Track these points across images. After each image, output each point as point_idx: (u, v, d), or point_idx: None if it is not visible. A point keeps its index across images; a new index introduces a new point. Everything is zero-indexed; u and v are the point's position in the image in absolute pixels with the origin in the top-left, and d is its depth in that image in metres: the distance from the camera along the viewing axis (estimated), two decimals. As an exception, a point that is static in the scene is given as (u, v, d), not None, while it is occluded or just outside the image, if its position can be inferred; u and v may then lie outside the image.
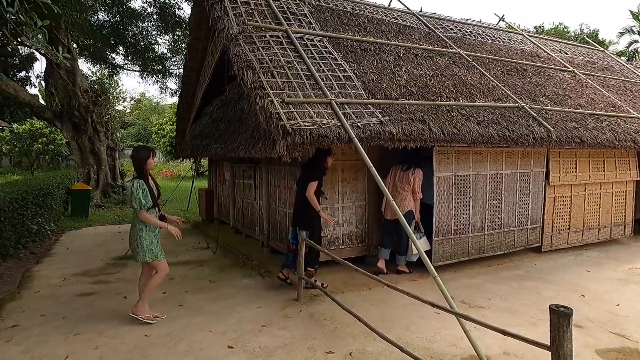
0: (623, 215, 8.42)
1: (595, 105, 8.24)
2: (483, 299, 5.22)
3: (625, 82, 10.42)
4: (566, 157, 7.44)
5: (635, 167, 8.49)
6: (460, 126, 5.78)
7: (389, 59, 6.76)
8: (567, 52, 10.77)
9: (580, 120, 7.34)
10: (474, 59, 7.90)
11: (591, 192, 7.87)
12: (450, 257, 6.29)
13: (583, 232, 7.85)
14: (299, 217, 5.48)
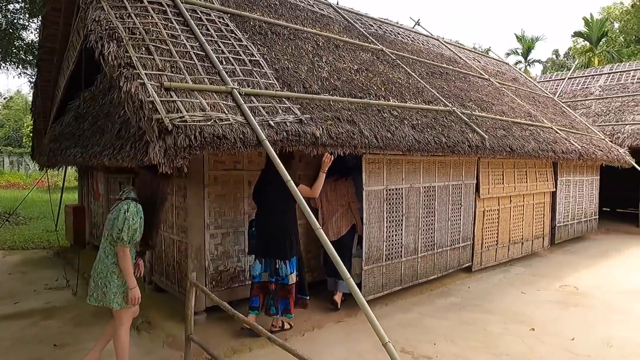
0: (542, 227, 8.22)
1: (516, 113, 7.94)
2: (427, 344, 4.18)
3: (532, 94, 10.56)
4: (494, 167, 6.90)
5: (552, 178, 8.37)
6: (394, 130, 4.76)
7: (307, 47, 5.56)
8: (479, 61, 10.64)
9: (508, 128, 6.87)
10: (397, 58, 7.07)
11: (516, 205, 7.47)
12: (381, 288, 5.21)
13: (509, 247, 7.40)
14: (277, 242, 4.12)
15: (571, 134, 8.90)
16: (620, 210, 14.56)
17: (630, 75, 13.65)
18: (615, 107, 12.59)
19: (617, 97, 12.97)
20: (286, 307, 4.17)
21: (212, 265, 4.55)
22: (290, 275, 4.11)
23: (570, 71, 16.25)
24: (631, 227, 11.56)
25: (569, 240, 9.38)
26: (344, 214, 5.03)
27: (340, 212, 5.02)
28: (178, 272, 4.75)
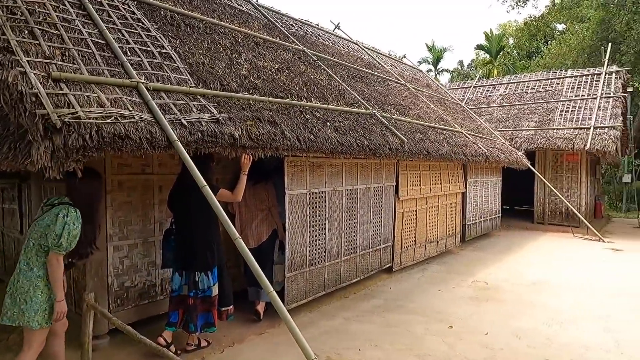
0: (454, 226, 8.68)
1: (431, 118, 8.29)
2: (352, 350, 4.09)
3: (444, 100, 11.18)
4: (412, 170, 7.11)
5: (462, 179, 8.89)
6: (317, 132, 4.63)
7: (225, 42, 5.22)
8: (396, 67, 11.02)
9: (424, 132, 7.12)
10: (319, 59, 6.99)
11: (432, 205, 7.79)
12: (305, 295, 5.04)
13: (426, 246, 7.69)
14: (197, 253, 3.74)
15: (478, 138, 9.54)
16: (518, 208, 16.06)
17: (524, 86, 15.12)
18: (514, 114, 13.86)
19: (514, 105, 14.28)
20: (208, 321, 3.82)
21: (117, 282, 4.04)
22: (212, 287, 3.78)
23: (475, 80, 17.60)
24: (527, 223, 12.76)
25: (477, 238, 10.06)
26: (265, 220, 4.78)
27: (261, 217, 4.76)
28: (75, 292, 4.14)
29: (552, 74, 15.30)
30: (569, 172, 12.37)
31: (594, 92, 13.05)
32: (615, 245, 9.86)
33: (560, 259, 8.23)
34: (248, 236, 4.69)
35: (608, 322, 4.90)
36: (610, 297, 5.88)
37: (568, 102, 13.22)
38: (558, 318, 5.00)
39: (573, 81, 14.13)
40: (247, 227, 4.75)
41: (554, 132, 12.27)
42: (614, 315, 5.15)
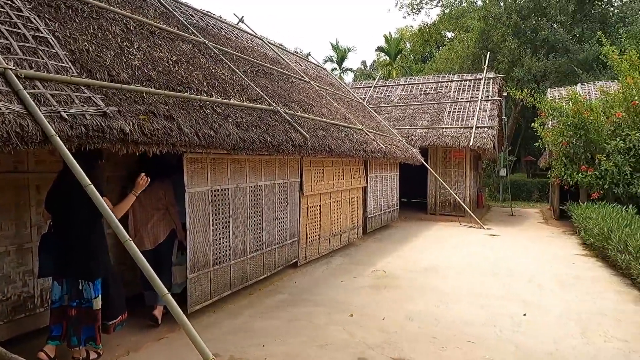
0: (356, 219, 9.09)
1: (333, 115, 8.57)
2: (257, 347, 4.09)
3: (346, 98, 11.62)
4: (316, 166, 7.29)
5: (363, 174, 9.34)
6: (217, 127, 4.51)
7: (114, 29, 4.82)
8: (301, 64, 11.17)
9: (327, 129, 7.33)
10: (221, 53, 6.80)
11: (335, 200, 8.07)
12: (210, 295, 4.91)
13: (330, 239, 7.95)
14: (80, 259, 3.41)
15: (378, 136, 10.10)
16: (414, 200, 17.34)
17: (419, 88, 16.35)
18: (409, 113, 14.91)
19: (410, 105, 15.37)
20: (91, 335, 3.51)
21: (-17, 296, 3.53)
22: (94, 300, 3.47)
23: (375, 81, 18.57)
24: (422, 214, 13.87)
25: (378, 229, 10.67)
26: (162, 219, 4.55)
27: (157, 217, 4.52)
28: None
29: (441, 78, 16.74)
30: (456, 167, 13.69)
31: (476, 95, 14.58)
32: (493, 231, 11.17)
33: (448, 246, 9.09)
34: (143, 237, 4.42)
35: (485, 299, 5.54)
36: (486, 276, 6.65)
37: (455, 103, 14.60)
38: (445, 299, 5.53)
39: (459, 85, 15.63)
40: (142, 228, 4.47)
41: (443, 131, 13.47)
42: (490, 292, 5.85)
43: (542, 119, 12.35)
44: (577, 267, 7.35)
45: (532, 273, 6.87)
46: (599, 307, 5.27)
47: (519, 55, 23.06)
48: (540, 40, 22.86)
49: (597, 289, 6.01)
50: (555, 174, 11.66)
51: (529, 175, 25.77)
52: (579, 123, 10.90)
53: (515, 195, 20.96)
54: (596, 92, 13.18)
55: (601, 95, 12.01)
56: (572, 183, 11.20)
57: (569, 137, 11.18)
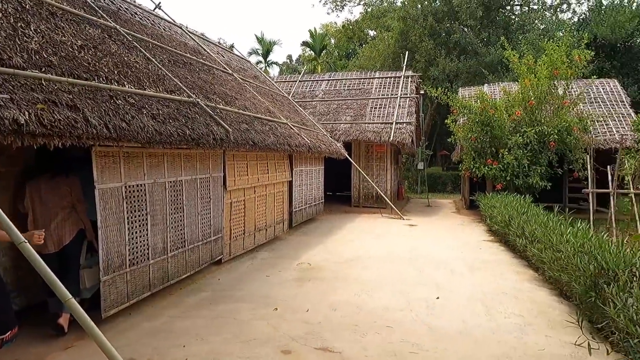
0: (282, 213, 9.10)
1: (257, 109, 8.46)
2: (177, 349, 3.94)
3: (271, 92, 11.53)
4: (239, 160, 7.16)
5: (288, 168, 9.36)
6: (130, 119, 4.23)
7: (6, 7, 4.30)
8: (224, 56, 10.86)
9: (250, 123, 7.23)
10: (135, 40, 6.38)
11: (260, 194, 8.00)
12: (127, 297, 4.62)
13: (255, 234, 7.87)
14: None
15: (302, 130, 10.17)
16: (339, 194, 17.78)
17: (343, 83, 16.71)
18: (334, 108, 15.20)
19: (334, 100, 15.67)
20: None
21: None
22: None
23: (300, 75, 18.64)
24: (347, 207, 14.27)
25: (304, 223, 10.79)
26: (67, 219, 4.18)
27: (62, 216, 4.15)
28: None
29: (364, 75, 17.28)
30: (378, 161, 14.26)
31: (396, 92, 15.26)
32: (412, 222, 11.82)
33: (371, 237, 9.46)
34: (46, 239, 4.03)
35: (403, 286, 5.85)
36: (405, 264, 7.03)
37: (376, 99, 15.16)
38: (366, 288, 5.75)
39: (380, 82, 16.25)
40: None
41: (366, 126, 13.94)
42: (408, 279, 6.19)
43: (454, 116, 13.28)
44: (483, 252, 8.04)
45: (446, 259, 7.40)
46: (501, 287, 5.82)
47: (435, 56, 24.53)
48: (453, 43, 24.51)
49: (500, 271, 6.63)
50: (466, 167, 12.64)
51: (444, 168, 27.64)
52: (486, 120, 11.90)
53: (432, 187, 22.36)
54: (500, 92, 14.46)
55: (504, 95, 13.21)
56: (480, 175, 12.22)
57: (477, 133, 12.15)
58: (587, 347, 3.77)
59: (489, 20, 25.35)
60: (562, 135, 11.43)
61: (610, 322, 3.58)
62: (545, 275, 5.82)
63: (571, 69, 11.93)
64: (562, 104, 12.05)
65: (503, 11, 26.33)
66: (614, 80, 16.01)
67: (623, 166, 10.00)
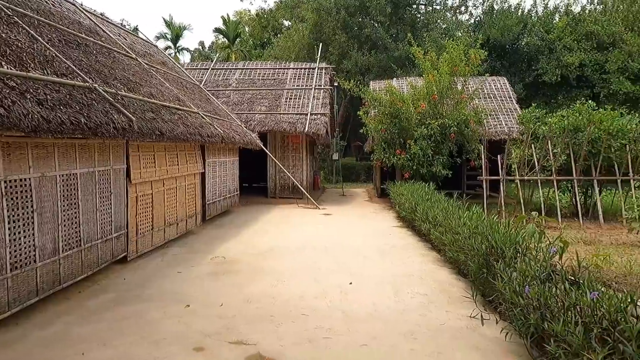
0: (194, 206, 8.75)
1: (165, 97, 7.98)
2: (74, 358, 3.60)
3: (180, 79, 10.95)
4: (145, 151, 6.70)
5: (201, 160, 9.00)
6: (10, 105, 3.73)
7: None
8: (126, 39, 10.04)
9: (157, 111, 6.80)
10: (16, 15, 5.61)
11: (169, 187, 7.59)
12: (8, 306, 4.09)
13: (165, 230, 7.47)
14: None
15: (215, 120, 9.83)
16: (255, 185, 17.59)
17: (257, 73, 16.45)
18: (248, 98, 14.92)
19: (249, 90, 15.38)
20: None
21: None
22: None
23: (212, 63, 17.96)
24: (263, 198, 14.17)
25: (218, 215, 10.49)
26: None
27: None
28: None
29: (278, 65, 17.17)
30: (294, 152, 14.33)
31: (310, 83, 15.41)
32: (327, 211, 12.11)
33: (287, 227, 9.50)
34: None
35: (318, 274, 5.97)
36: (320, 252, 7.18)
37: (291, 90, 15.17)
38: (282, 278, 5.77)
39: (295, 73, 16.28)
40: None
41: (281, 117, 13.90)
42: (323, 266, 6.33)
43: (366, 108, 13.80)
44: (393, 237, 8.51)
45: (358, 246, 7.69)
46: (408, 269, 6.21)
47: (348, 49, 25.20)
48: (365, 37, 25.37)
49: (407, 254, 7.07)
50: (377, 157, 13.23)
51: (357, 158, 28.68)
52: (394, 112, 12.54)
53: (346, 177, 23.10)
54: (407, 86, 15.32)
55: (411, 89, 14.01)
56: (390, 165, 12.89)
57: (386, 125, 12.77)
58: (480, 318, 4.18)
59: (397, 17, 26.63)
60: (460, 127, 12.47)
61: (499, 295, 4.00)
62: (446, 256, 6.32)
63: (468, 67, 13.02)
64: (461, 99, 13.12)
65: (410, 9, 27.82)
66: (504, 78, 17.84)
67: (510, 155, 11.22)
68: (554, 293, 3.18)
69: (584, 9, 24.35)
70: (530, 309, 3.32)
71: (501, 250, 4.33)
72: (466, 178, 14.80)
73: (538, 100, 19.67)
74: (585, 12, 23.65)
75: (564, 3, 25.21)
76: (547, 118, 11.97)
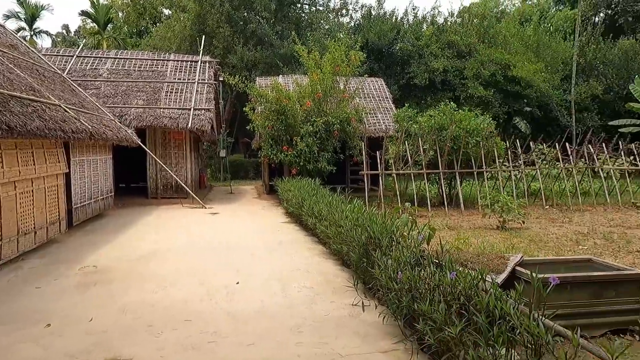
0: (57, 211, 7.72)
1: (15, 86, 6.88)
2: None
3: (36, 66, 9.56)
4: (-11, 148, 5.70)
5: (64, 158, 7.97)
6: None
7: None
8: (-40, 14, 8.39)
9: (4, 103, 5.82)
10: None
11: (23, 191, 6.57)
12: None
13: (19, 240, 6.45)
14: None
15: (82, 114, 8.79)
16: (134, 185, 16.24)
17: (132, 63, 15.15)
18: (122, 90, 13.66)
19: (123, 82, 14.08)
20: None
21: None
22: None
23: (78, 49, 16.04)
24: (143, 199, 13.15)
25: (89, 220, 9.44)
26: None
27: None
28: None
29: (157, 56, 16.05)
30: (177, 149, 13.57)
31: (193, 77, 14.71)
32: (214, 210, 11.72)
33: (170, 229, 8.95)
34: None
35: (204, 275, 5.73)
36: (207, 253, 6.91)
37: (172, 84, 14.31)
38: (164, 283, 5.40)
39: (176, 65, 15.38)
40: None
41: (161, 111, 13.02)
42: (209, 268, 6.10)
43: (252, 104, 13.66)
44: (281, 233, 8.58)
45: (246, 244, 7.59)
46: (295, 264, 6.31)
47: (233, 43, 24.64)
48: (250, 32, 25.07)
49: (295, 250, 7.18)
50: (264, 153, 13.21)
51: (246, 155, 28.30)
52: (280, 109, 12.64)
53: (235, 174, 22.66)
54: (293, 84, 15.55)
55: (296, 87, 14.25)
56: (278, 161, 12.97)
57: (273, 122, 12.81)
58: (361, 305, 4.43)
59: (283, 15, 26.87)
60: (343, 125, 13.08)
61: (377, 282, 4.28)
62: (331, 249, 6.58)
63: (349, 67, 13.71)
64: (343, 97, 13.77)
65: (294, 8, 28.28)
66: (381, 79, 19.21)
67: (388, 151, 12.13)
68: (422, 276, 3.50)
69: (446, 20, 27.39)
70: (403, 292, 3.61)
71: (378, 240, 4.63)
72: (350, 173, 15.61)
73: (410, 101, 21.61)
74: (447, 23, 26.63)
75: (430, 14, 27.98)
76: (418, 117, 13.22)
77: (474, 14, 27.09)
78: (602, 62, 25.30)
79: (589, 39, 26.35)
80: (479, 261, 4.85)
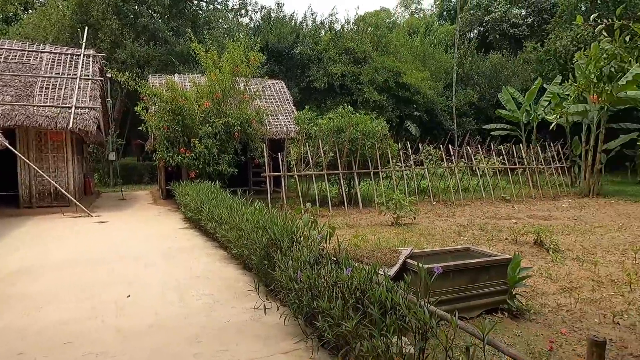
0: None
1: None
2: None
3: None
4: None
5: None
6: None
7: None
8: None
9: None
10: None
11: None
12: None
13: None
14: None
15: None
16: (3, 194, 14.12)
17: (-3, 54, 13.17)
18: (-16, 84, 11.79)
19: (-16, 75, 12.16)
20: None
21: None
22: None
23: None
24: (13, 210, 11.51)
25: (-60, 236, 7.95)
26: None
27: None
28: None
29: (29, 46, 14.18)
30: (55, 152, 12.11)
31: (75, 72, 13.27)
32: (102, 218, 10.69)
33: (48, 241, 7.94)
34: None
35: (90, 291, 5.17)
36: (93, 266, 6.26)
37: (48, 78, 12.75)
38: (38, 303, 4.76)
39: (53, 58, 13.75)
40: None
41: (35, 109, 11.52)
42: (96, 282, 5.52)
43: (145, 104, 12.76)
44: (179, 239, 8.13)
45: (140, 253, 7.04)
46: (194, 271, 6.02)
47: (122, 38, 22.79)
48: (142, 27, 23.43)
49: (194, 256, 6.86)
50: (160, 156, 12.43)
51: (140, 158, 26.37)
52: (177, 109, 12.01)
53: (127, 179, 20.98)
54: (190, 83, 14.88)
55: (194, 86, 13.67)
56: (175, 164, 12.29)
57: (169, 122, 12.12)
58: (263, 308, 4.38)
59: (178, 10, 25.59)
60: (244, 126, 12.88)
61: (278, 283, 4.27)
62: (233, 253, 6.41)
63: (249, 68, 13.54)
64: (243, 99, 13.55)
65: (191, 4, 27.11)
66: (282, 81, 19.32)
67: (289, 153, 12.24)
68: (321, 274, 3.58)
69: (343, 27, 28.54)
70: (303, 291, 3.65)
71: (279, 242, 4.63)
72: (252, 175, 15.43)
73: (311, 104, 22.08)
74: (344, 30, 27.77)
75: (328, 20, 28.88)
76: (318, 120, 13.55)
77: (369, 23, 28.66)
78: (477, 73, 28.58)
79: (465, 52, 29.57)
80: (374, 256, 5.12)
